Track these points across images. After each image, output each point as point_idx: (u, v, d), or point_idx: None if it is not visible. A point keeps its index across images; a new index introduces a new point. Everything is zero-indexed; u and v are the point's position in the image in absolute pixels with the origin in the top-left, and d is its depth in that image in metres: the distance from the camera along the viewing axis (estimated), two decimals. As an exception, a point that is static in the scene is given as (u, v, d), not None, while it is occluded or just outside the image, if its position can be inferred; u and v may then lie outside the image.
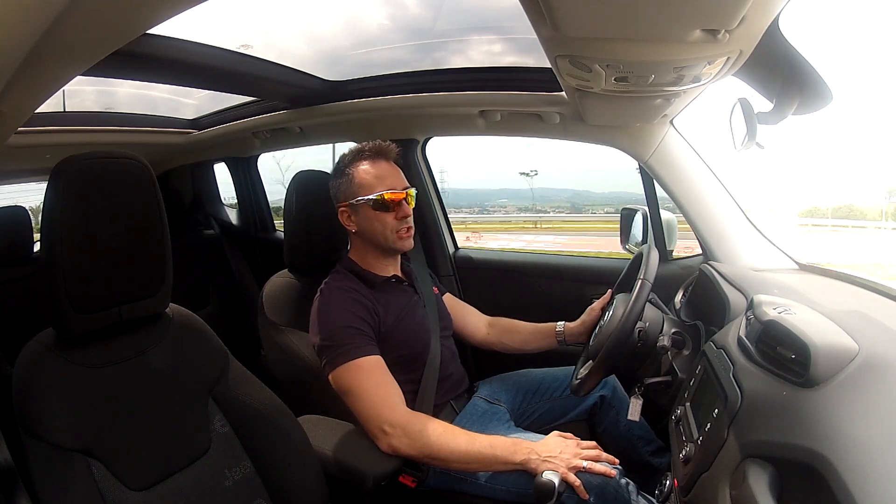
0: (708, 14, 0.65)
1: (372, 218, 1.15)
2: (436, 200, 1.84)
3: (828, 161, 7.14)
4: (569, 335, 1.33)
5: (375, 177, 1.15)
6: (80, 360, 0.77)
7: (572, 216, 10.53)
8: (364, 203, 1.14)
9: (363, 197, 1.14)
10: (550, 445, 1.00)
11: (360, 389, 1.02)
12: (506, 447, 0.99)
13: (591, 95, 1.04)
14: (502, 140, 1.69)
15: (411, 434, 0.99)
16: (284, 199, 1.31)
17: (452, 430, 1.02)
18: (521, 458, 0.98)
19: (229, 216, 2.68)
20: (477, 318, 1.43)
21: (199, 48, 1.21)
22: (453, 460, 1.00)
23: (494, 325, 1.42)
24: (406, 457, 1.01)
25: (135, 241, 0.80)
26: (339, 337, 1.06)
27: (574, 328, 1.32)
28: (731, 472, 0.60)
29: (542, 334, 1.36)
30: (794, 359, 0.63)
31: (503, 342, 1.40)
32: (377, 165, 1.16)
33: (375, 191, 1.13)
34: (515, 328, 1.40)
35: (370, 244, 1.18)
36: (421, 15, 1.42)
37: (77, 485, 0.70)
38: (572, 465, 0.96)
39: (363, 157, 1.17)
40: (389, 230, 1.15)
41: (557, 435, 1.04)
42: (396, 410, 1.02)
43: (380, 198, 1.13)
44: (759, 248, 1.32)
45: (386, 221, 1.14)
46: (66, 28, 0.58)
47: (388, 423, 1.00)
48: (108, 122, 1.81)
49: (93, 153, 0.77)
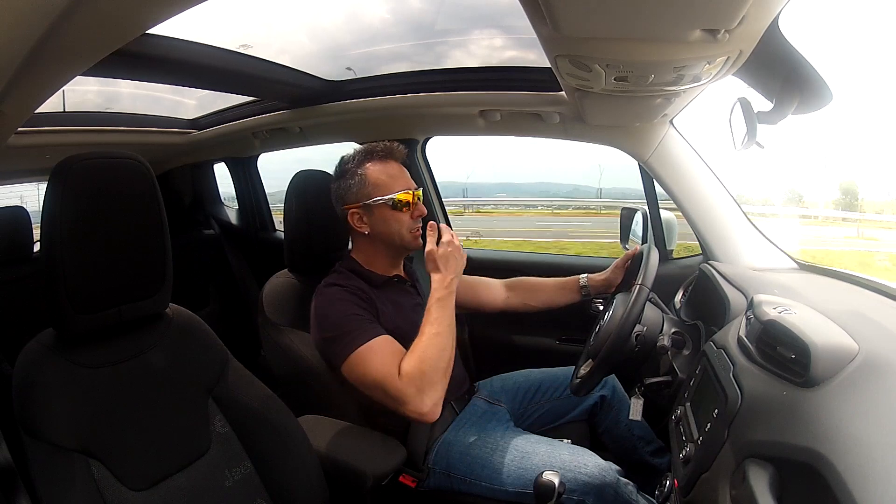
0: (708, 14, 0.65)
1: (389, 218, 1.14)
2: (436, 200, 1.84)
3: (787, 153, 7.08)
4: (592, 287, 1.33)
5: (390, 177, 1.14)
6: (79, 361, 0.76)
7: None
8: (381, 203, 1.13)
9: (381, 197, 1.13)
10: (439, 252, 1.06)
11: (370, 379, 1.01)
12: (431, 309, 1.04)
13: (591, 95, 1.04)
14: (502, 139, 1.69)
15: (414, 381, 0.98)
16: (284, 199, 1.31)
17: (419, 345, 1.01)
18: (444, 290, 1.04)
19: (229, 216, 2.69)
20: (492, 288, 1.41)
21: (199, 48, 1.21)
22: (445, 356, 1.01)
23: (515, 287, 1.41)
24: (441, 399, 1.00)
25: (135, 241, 0.80)
26: (343, 326, 1.04)
27: (598, 280, 1.33)
28: (731, 472, 0.60)
29: (566, 289, 1.36)
30: (795, 359, 0.63)
31: (526, 303, 1.39)
32: (389, 166, 1.16)
33: (393, 191, 1.13)
34: (538, 286, 1.39)
35: (381, 244, 1.17)
36: (423, 9, 1.42)
37: (77, 485, 0.70)
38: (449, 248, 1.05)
39: (375, 157, 1.16)
40: (406, 229, 1.14)
41: (428, 254, 1.08)
42: (397, 380, 0.99)
43: (398, 198, 1.13)
44: (758, 248, 1.32)
45: (403, 221, 1.14)
46: (67, 28, 0.58)
47: (418, 388, 0.98)
48: (108, 122, 1.81)
49: (93, 153, 0.77)
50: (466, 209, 11.76)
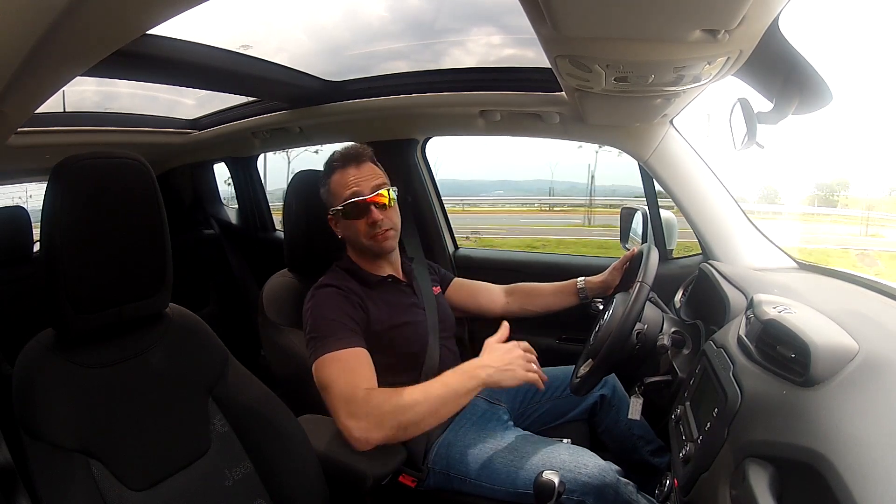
0: (708, 14, 0.65)
1: (346, 226, 1.17)
2: (436, 201, 1.83)
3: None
4: (590, 290, 1.35)
5: (342, 185, 1.16)
6: (79, 360, 0.76)
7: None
8: (337, 213, 1.16)
9: (335, 207, 1.16)
10: (497, 355, 1.01)
11: (329, 384, 0.99)
12: (458, 378, 0.98)
13: (591, 95, 1.04)
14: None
15: (370, 412, 0.93)
16: (284, 199, 1.31)
17: (407, 392, 0.96)
18: (480, 379, 0.98)
19: (229, 216, 2.69)
20: (492, 293, 1.43)
21: (199, 48, 1.21)
22: (421, 420, 0.95)
23: (514, 293, 1.43)
24: (380, 441, 0.94)
25: (135, 241, 0.80)
26: (320, 329, 1.04)
27: (595, 283, 1.34)
28: (731, 471, 0.60)
29: (564, 293, 1.38)
30: (794, 358, 0.63)
31: (525, 308, 1.41)
32: (345, 172, 1.16)
33: (341, 200, 1.15)
34: (536, 291, 1.41)
35: (357, 247, 1.20)
36: (421, 7, 1.42)
37: (77, 485, 0.70)
38: (528, 373, 1.00)
39: (334, 165, 1.18)
40: (363, 236, 1.15)
41: (493, 342, 1.04)
42: (356, 394, 0.96)
43: (344, 207, 1.14)
44: (758, 248, 1.32)
45: (358, 228, 1.15)
46: (67, 28, 0.58)
47: (351, 416, 0.94)
48: (108, 122, 1.81)
49: (93, 153, 0.77)
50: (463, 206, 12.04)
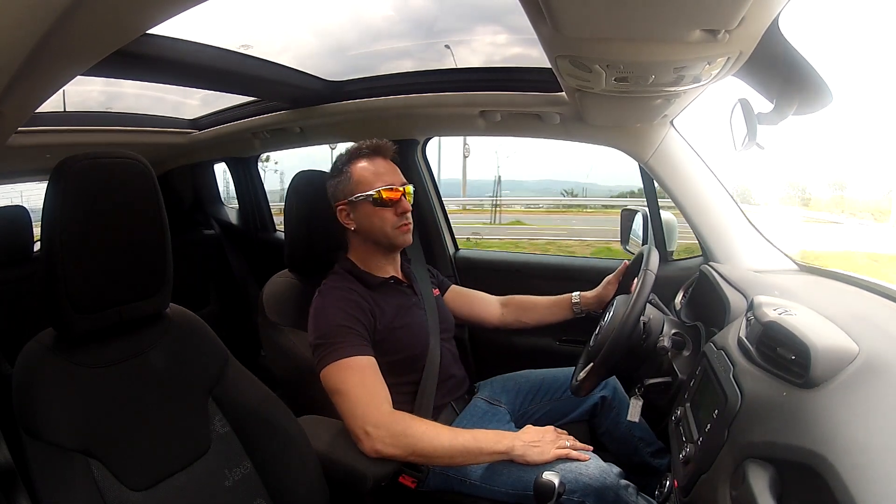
0: (708, 14, 0.65)
1: (371, 214, 1.16)
2: (436, 201, 1.83)
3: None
4: (584, 305, 1.35)
5: (373, 173, 1.16)
6: (79, 361, 0.76)
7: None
8: (363, 200, 1.15)
9: (362, 193, 1.15)
10: (530, 433, 1.03)
11: (345, 388, 1.01)
12: (488, 438, 1.01)
13: (591, 96, 1.04)
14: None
15: (395, 434, 0.98)
16: (284, 199, 1.31)
17: (436, 427, 1.01)
18: (505, 445, 1.00)
19: (229, 216, 2.69)
20: (488, 303, 1.44)
21: (200, 48, 1.21)
22: (437, 456, 0.99)
23: (509, 305, 1.44)
24: (390, 458, 0.99)
25: (135, 241, 0.80)
26: (331, 335, 1.05)
27: (590, 297, 1.35)
28: (731, 472, 0.60)
29: (558, 307, 1.39)
30: (795, 360, 0.63)
31: (520, 320, 1.42)
32: (375, 163, 1.18)
33: (374, 187, 1.15)
34: (531, 304, 1.42)
35: (369, 241, 1.19)
36: (425, 7, 1.43)
37: (77, 485, 0.70)
38: (557, 449, 1.00)
39: (361, 154, 1.19)
40: (389, 226, 1.16)
41: (529, 425, 1.06)
42: (380, 410, 1.00)
43: (378, 194, 1.14)
44: (759, 249, 1.31)
45: (385, 217, 1.15)
46: (67, 28, 0.58)
47: (372, 424, 0.98)
48: (108, 122, 1.80)
49: (93, 153, 0.77)
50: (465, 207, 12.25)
